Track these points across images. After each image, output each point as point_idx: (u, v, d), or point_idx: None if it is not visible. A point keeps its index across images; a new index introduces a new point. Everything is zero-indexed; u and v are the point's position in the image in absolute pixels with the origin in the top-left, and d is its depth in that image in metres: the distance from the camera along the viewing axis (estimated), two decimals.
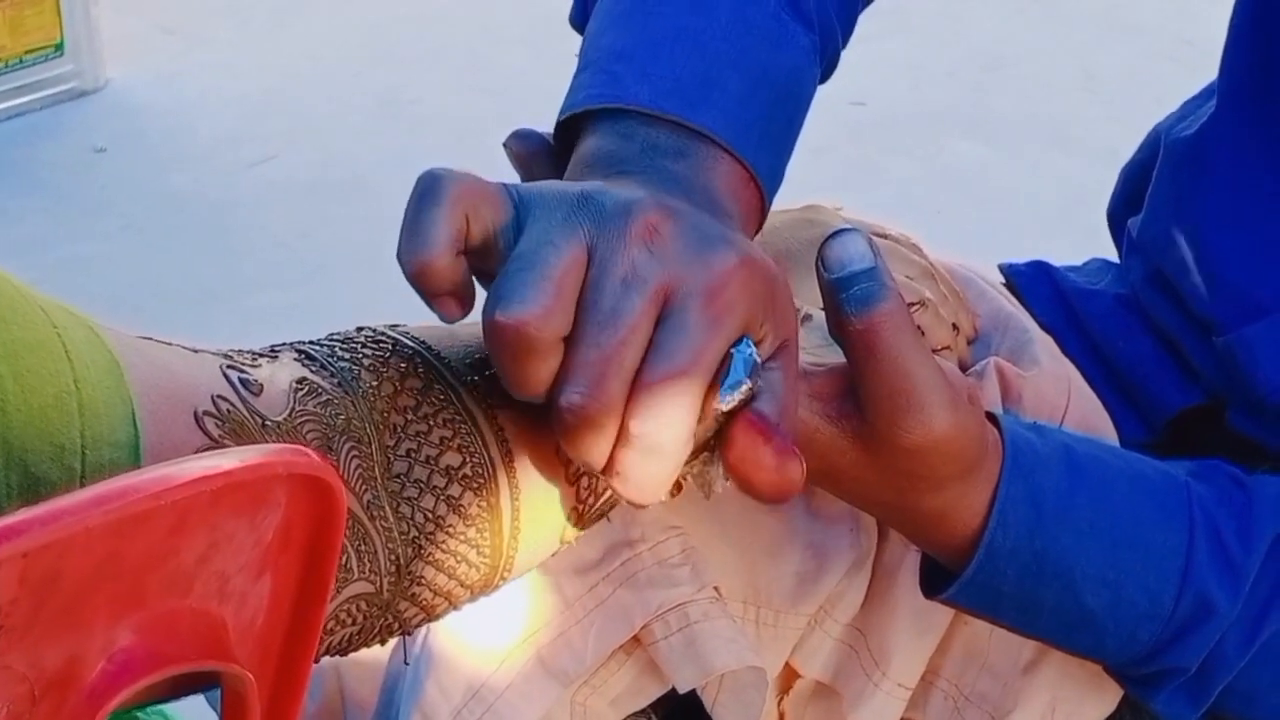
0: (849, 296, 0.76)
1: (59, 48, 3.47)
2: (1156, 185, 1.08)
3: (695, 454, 0.74)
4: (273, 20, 3.80)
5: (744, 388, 0.71)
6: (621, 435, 0.69)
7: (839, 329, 0.77)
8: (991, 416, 0.85)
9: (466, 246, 0.71)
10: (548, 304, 0.68)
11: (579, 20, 1.00)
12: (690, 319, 0.70)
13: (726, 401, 0.71)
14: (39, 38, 3.44)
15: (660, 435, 0.69)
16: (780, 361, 0.74)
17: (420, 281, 0.71)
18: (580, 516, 0.78)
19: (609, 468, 0.70)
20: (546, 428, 0.74)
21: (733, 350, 0.71)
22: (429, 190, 0.71)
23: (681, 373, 0.69)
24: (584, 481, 0.77)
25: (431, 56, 3.66)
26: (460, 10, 3.88)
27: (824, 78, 0.99)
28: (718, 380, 0.71)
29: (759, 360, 0.72)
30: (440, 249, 0.70)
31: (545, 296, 0.68)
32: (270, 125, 3.33)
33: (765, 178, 0.86)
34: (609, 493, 0.78)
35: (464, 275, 0.72)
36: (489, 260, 0.72)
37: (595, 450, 0.70)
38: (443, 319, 0.72)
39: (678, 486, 0.75)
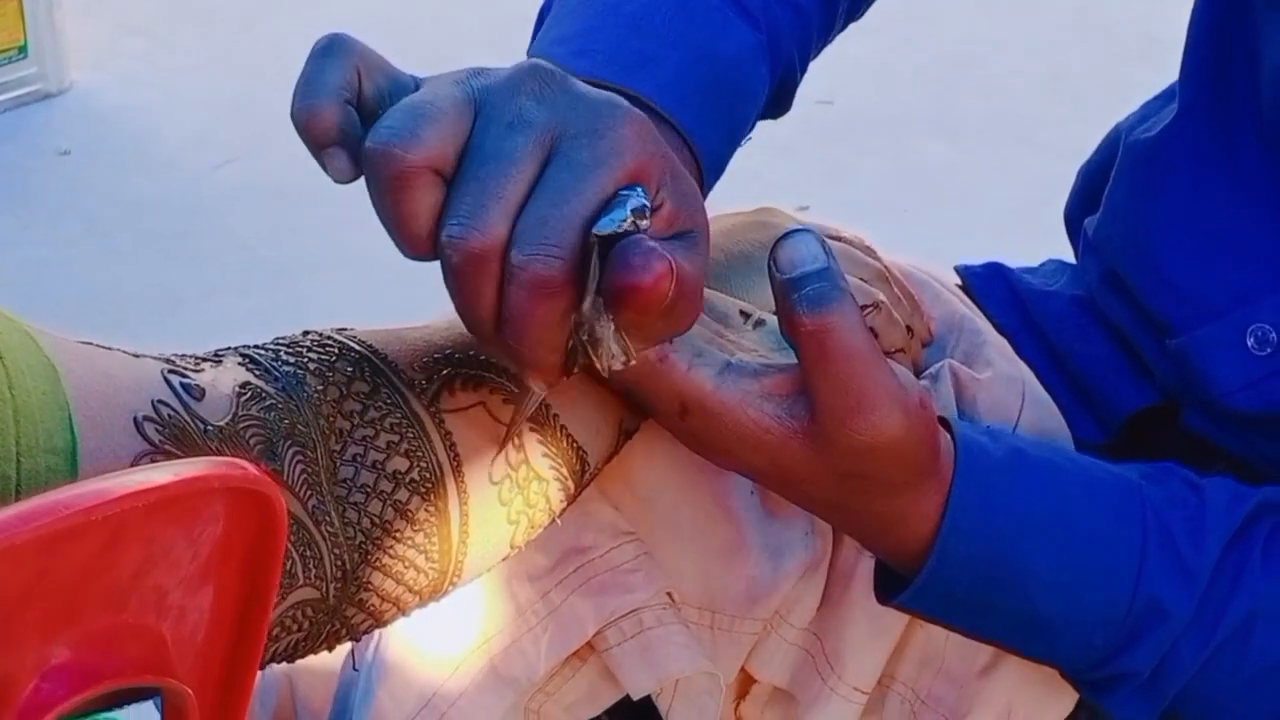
0: (801, 297, 0.75)
1: (23, 50, 3.45)
2: (1114, 186, 1.08)
3: (584, 329, 0.71)
4: (237, 24, 3.79)
5: (626, 221, 0.69)
6: (505, 273, 0.69)
7: (791, 329, 0.76)
8: (944, 421, 0.85)
9: (358, 104, 0.72)
10: (419, 132, 0.68)
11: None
12: (576, 156, 0.70)
13: (604, 228, 0.69)
14: (2, 40, 3.43)
15: (542, 265, 0.68)
16: (685, 242, 0.73)
17: (309, 130, 0.71)
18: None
19: (500, 324, 0.69)
20: (494, 431, 0.73)
21: (620, 191, 0.70)
22: (324, 48, 0.72)
23: (563, 202, 0.69)
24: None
25: (395, 60, 3.65)
26: (424, 13, 3.87)
27: (785, 89, 0.98)
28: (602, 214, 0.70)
29: (648, 208, 0.71)
30: (328, 97, 0.70)
31: (417, 126, 0.69)
32: (234, 129, 3.32)
33: (704, 152, 0.86)
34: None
35: (353, 126, 0.71)
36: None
37: (480, 292, 0.69)
38: (333, 178, 0.72)
39: (573, 363, 0.73)
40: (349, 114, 0.71)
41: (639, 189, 0.71)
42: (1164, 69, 1.21)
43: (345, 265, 2.78)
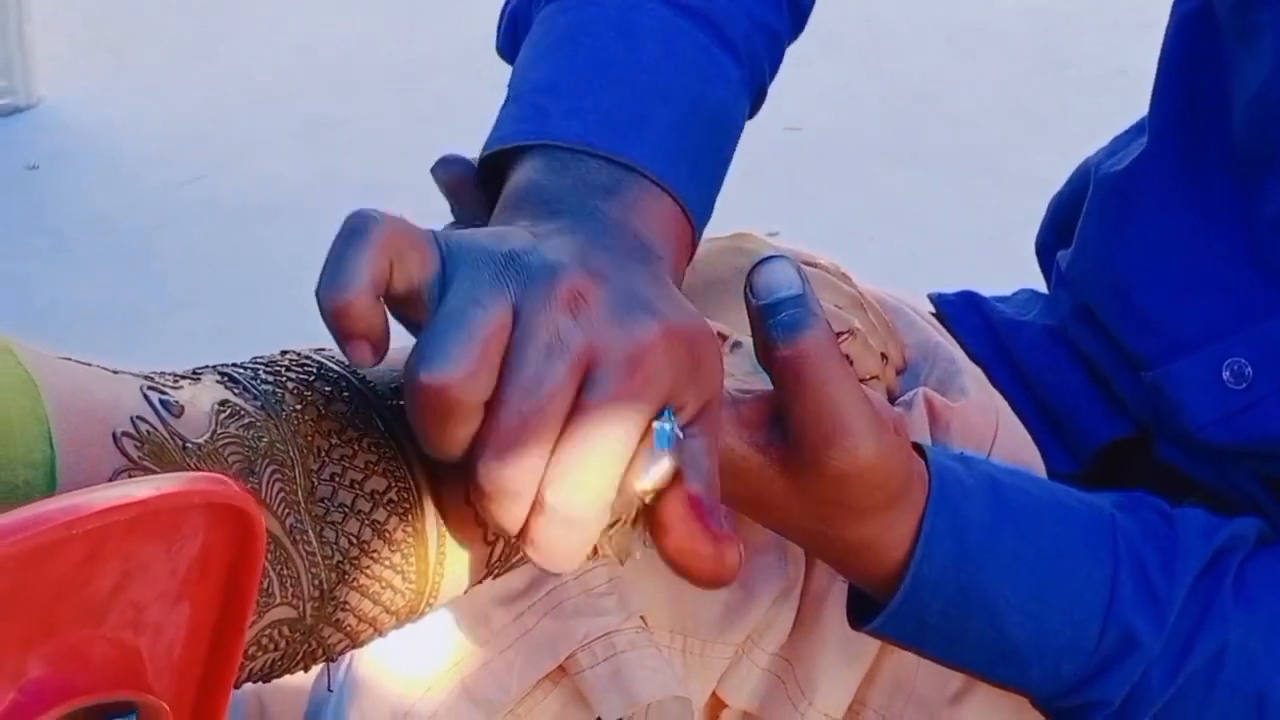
0: (776, 323, 0.75)
1: None
2: (1086, 220, 1.09)
3: (612, 524, 0.73)
4: (204, 42, 3.79)
5: (665, 465, 0.70)
6: (537, 504, 0.69)
7: (765, 355, 0.76)
8: (918, 447, 0.85)
9: (388, 293, 0.70)
10: (472, 368, 0.68)
11: (506, 50, 0.99)
12: (612, 390, 0.69)
13: (648, 480, 0.70)
14: None
15: (576, 508, 0.68)
16: (701, 426, 0.73)
17: (337, 321, 0.69)
18: (500, 558, 0.78)
19: (523, 534, 0.70)
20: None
21: (654, 424, 0.71)
22: (356, 230, 0.70)
23: (601, 446, 0.69)
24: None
25: (360, 80, 3.66)
26: (389, 34, 3.88)
27: (752, 111, 0.98)
28: (639, 454, 0.70)
29: (680, 434, 0.71)
30: (360, 290, 0.69)
31: (470, 359, 0.68)
32: (199, 146, 3.32)
33: (696, 210, 0.86)
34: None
35: (381, 320, 0.70)
36: (411, 310, 0.71)
37: (510, 516, 0.69)
38: (353, 363, 0.70)
39: (593, 552, 0.74)
40: (380, 311, 0.70)
41: (668, 416, 0.71)
42: (1128, 100, 1.22)
43: (307, 283, 2.76)
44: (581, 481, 0.68)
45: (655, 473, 0.70)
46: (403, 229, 0.71)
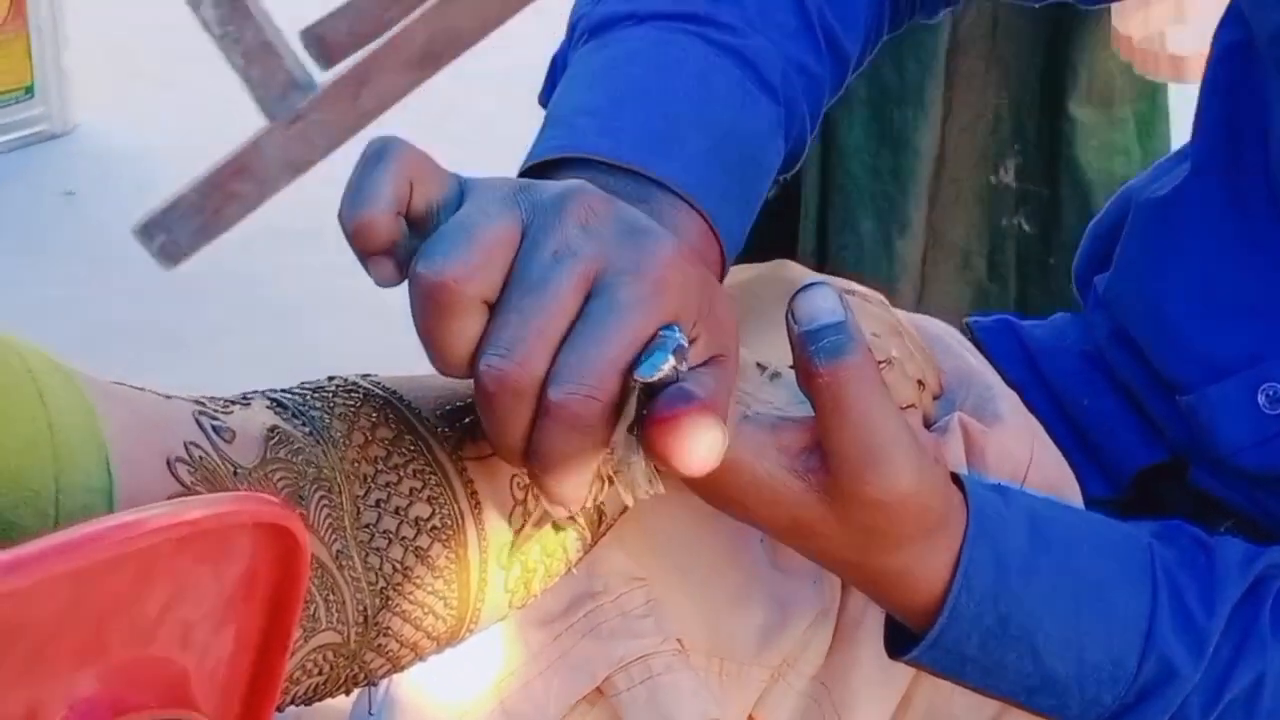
0: (818, 349, 0.76)
1: (29, 90, 3.47)
2: (1125, 244, 1.09)
3: (613, 460, 0.72)
4: None
5: (667, 364, 0.70)
6: (541, 407, 0.69)
7: (807, 381, 0.77)
8: (956, 477, 0.85)
9: (408, 213, 0.72)
10: (470, 260, 0.69)
11: (548, 98, 1.00)
12: (619, 295, 0.70)
13: (646, 374, 0.69)
14: (9, 80, 3.44)
15: (579, 405, 0.69)
16: (714, 370, 0.73)
17: (358, 239, 0.71)
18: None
19: (529, 451, 0.70)
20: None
21: (661, 332, 0.71)
22: (376, 154, 0.72)
23: (605, 343, 0.69)
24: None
25: (401, 102, 3.66)
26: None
27: (793, 159, 0.99)
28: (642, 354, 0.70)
29: (687, 349, 0.71)
30: (380, 206, 0.70)
31: (468, 254, 0.69)
32: None
33: (725, 234, 0.87)
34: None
35: (401, 237, 0.72)
36: (429, 231, 0.72)
37: (512, 422, 0.69)
38: (378, 282, 0.72)
39: (599, 491, 0.73)
40: (400, 226, 0.71)
41: (677, 329, 0.71)
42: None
43: (348, 307, 2.79)
44: (584, 376, 0.68)
45: (655, 370, 0.70)
46: (420, 154, 0.72)
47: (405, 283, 0.71)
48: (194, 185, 2.38)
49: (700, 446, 0.69)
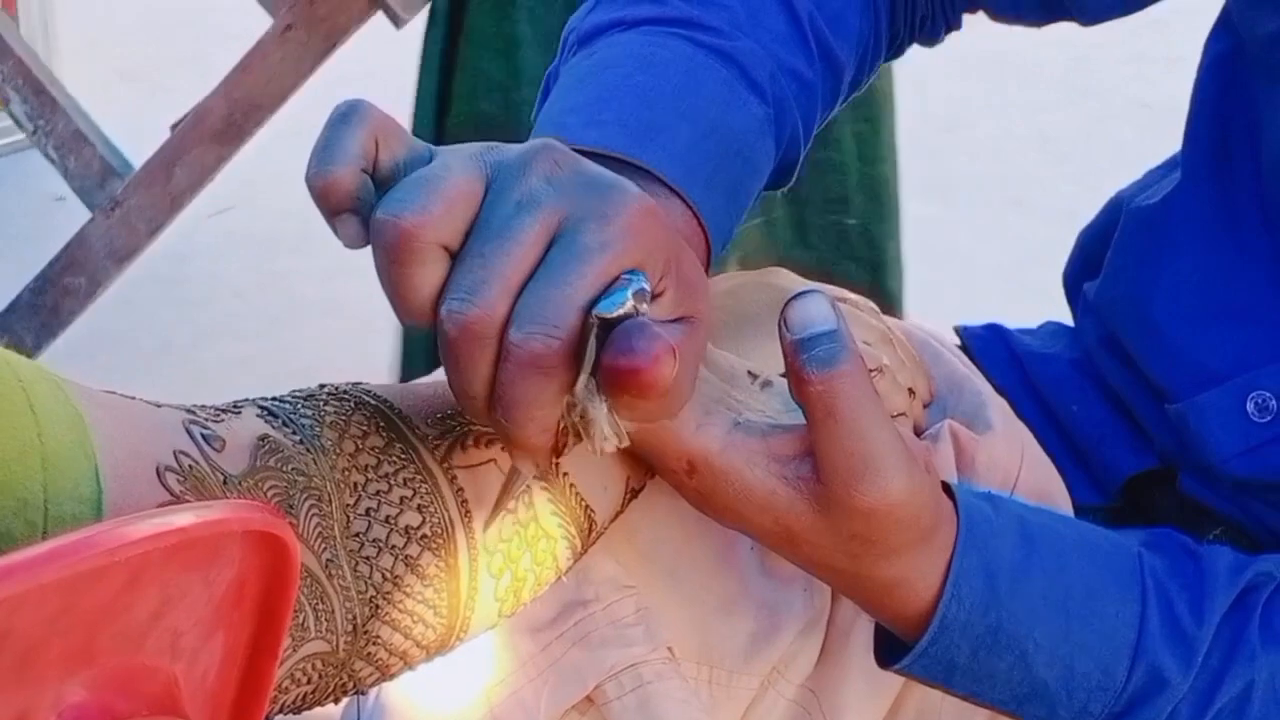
0: (810, 357, 0.76)
1: None
2: (1115, 251, 1.09)
3: (577, 409, 0.72)
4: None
5: (627, 303, 0.69)
6: (502, 350, 0.69)
7: (799, 389, 0.77)
8: (946, 486, 0.85)
9: (374, 173, 0.72)
10: (428, 207, 0.69)
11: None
12: (581, 239, 0.70)
13: (604, 309, 0.69)
14: None
15: (539, 344, 0.69)
16: (683, 327, 0.73)
17: (322, 196, 0.72)
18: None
19: (493, 401, 0.70)
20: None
21: (623, 275, 0.71)
22: (342, 115, 0.72)
23: (564, 283, 0.69)
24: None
25: (392, 112, 3.66)
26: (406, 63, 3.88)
27: (785, 170, 0.99)
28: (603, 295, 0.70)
29: (648, 293, 0.71)
30: (345, 164, 0.71)
31: (427, 200, 0.69)
32: (228, 178, 3.32)
33: (711, 225, 0.87)
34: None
35: (366, 195, 0.72)
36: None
37: (475, 369, 0.70)
38: (345, 243, 0.72)
39: (564, 445, 0.73)
40: (364, 183, 0.72)
41: (641, 275, 0.71)
42: (1151, 132, 1.22)
43: (335, 314, 2.79)
44: (544, 316, 0.69)
45: (614, 303, 0.69)
46: (388, 117, 0.73)
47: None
48: (29, 285, 2.40)
49: (656, 380, 0.69)
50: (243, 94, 2.35)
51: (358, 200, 0.72)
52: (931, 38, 1.12)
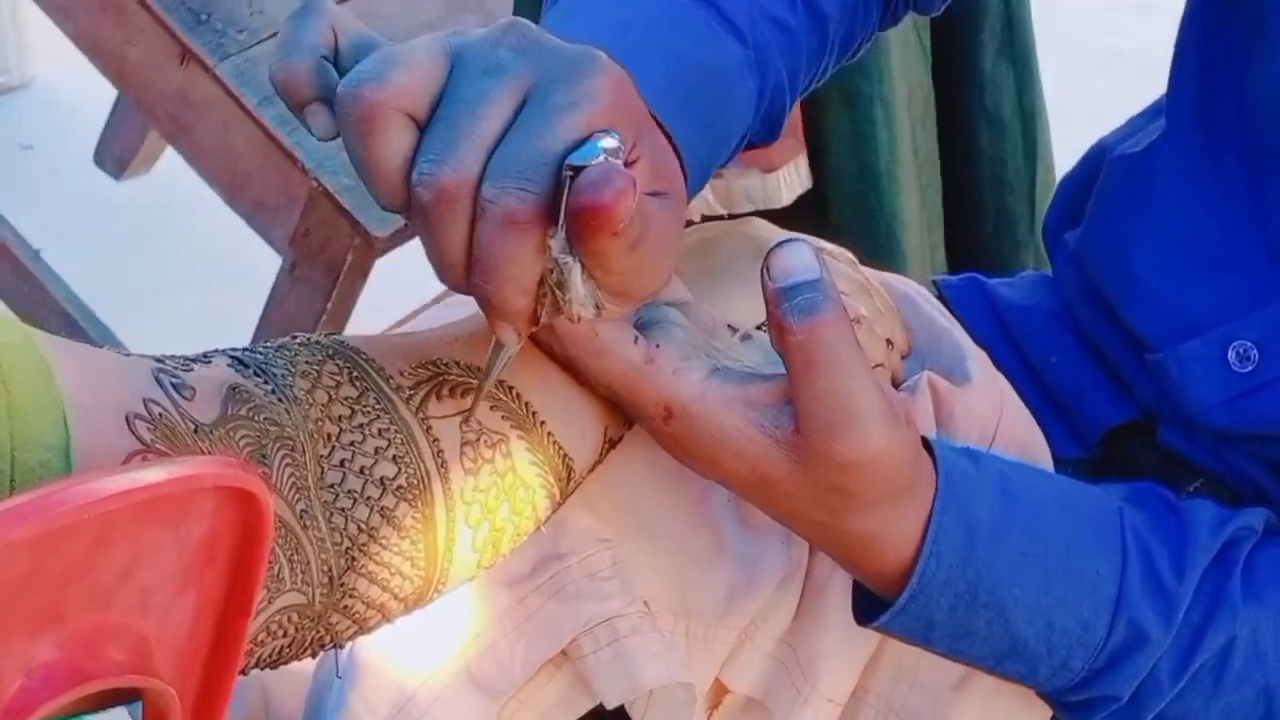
0: (792, 306, 0.75)
1: None
2: (1097, 200, 1.08)
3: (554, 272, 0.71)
4: None
5: (600, 155, 0.69)
6: (476, 208, 0.69)
7: (780, 338, 0.76)
8: (926, 441, 0.84)
9: (335, 62, 0.72)
10: (389, 76, 0.69)
11: None
12: (551, 98, 0.70)
13: (576, 159, 0.69)
14: None
15: (513, 199, 0.68)
16: (659, 201, 0.73)
17: (286, 89, 0.72)
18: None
19: (470, 266, 0.70)
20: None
21: (596, 132, 0.70)
22: (299, 11, 0.73)
23: (536, 138, 0.69)
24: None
25: None
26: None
27: (772, 126, 0.97)
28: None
29: (620, 150, 0.70)
30: (303, 53, 0.71)
31: (388, 70, 0.69)
32: None
33: (687, 151, 0.86)
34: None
35: (330, 82, 0.72)
36: None
37: (450, 234, 0.69)
38: (316, 136, 0.72)
39: (542, 310, 0.72)
40: (326, 70, 0.72)
41: (613, 132, 0.71)
42: (1126, 82, 1.21)
43: None
44: (517, 170, 0.68)
45: (586, 154, 0.69)
46: (346, 14, 0.74)
47: None
48: None
49: (616, 212, 0.68)
50: None
51: (323, 88, 0.72)
52: (926, 7, 1.10)
